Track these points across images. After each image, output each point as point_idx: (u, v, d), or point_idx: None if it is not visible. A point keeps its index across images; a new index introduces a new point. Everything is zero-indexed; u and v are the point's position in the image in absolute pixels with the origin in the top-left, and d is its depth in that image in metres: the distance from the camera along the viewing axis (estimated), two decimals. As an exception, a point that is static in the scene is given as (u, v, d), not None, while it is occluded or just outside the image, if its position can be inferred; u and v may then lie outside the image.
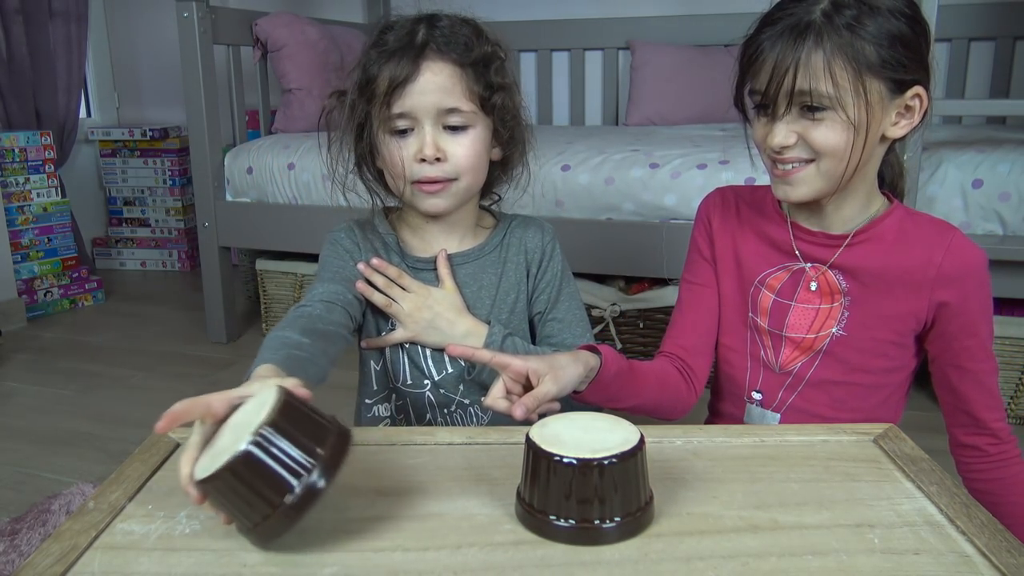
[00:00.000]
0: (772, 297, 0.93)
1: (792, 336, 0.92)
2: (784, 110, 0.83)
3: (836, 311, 0.90)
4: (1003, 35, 2.39)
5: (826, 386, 0.92)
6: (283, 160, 2.15)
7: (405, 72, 0.88)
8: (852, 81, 0.80)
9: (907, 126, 0.84)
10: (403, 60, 0.88)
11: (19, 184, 2.63)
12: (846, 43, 0.79)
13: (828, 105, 0.81)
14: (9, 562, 1.19)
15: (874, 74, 0.80)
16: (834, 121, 0.81)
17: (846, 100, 0.80)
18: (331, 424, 0.58)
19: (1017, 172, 1.57)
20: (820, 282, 0.91)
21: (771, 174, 0.88)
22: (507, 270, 1.01)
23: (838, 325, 0.90)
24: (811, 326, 0.91)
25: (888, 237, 0.88)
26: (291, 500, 0.53)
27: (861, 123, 0.81)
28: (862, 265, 0.88)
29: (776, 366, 0.94)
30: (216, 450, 0.57)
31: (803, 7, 0.81)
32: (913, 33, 0.81)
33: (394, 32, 0.91)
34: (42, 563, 0.54)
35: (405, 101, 0.88)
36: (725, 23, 2.65)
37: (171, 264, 3.21)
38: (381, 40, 0.91)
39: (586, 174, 1.85)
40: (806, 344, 0.91)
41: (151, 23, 3.31)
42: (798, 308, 0.92)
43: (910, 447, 0.71)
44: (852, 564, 0.54)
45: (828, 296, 0.90)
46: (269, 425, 0.54)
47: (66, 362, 2.16)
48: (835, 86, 0.80)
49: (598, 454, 0.56)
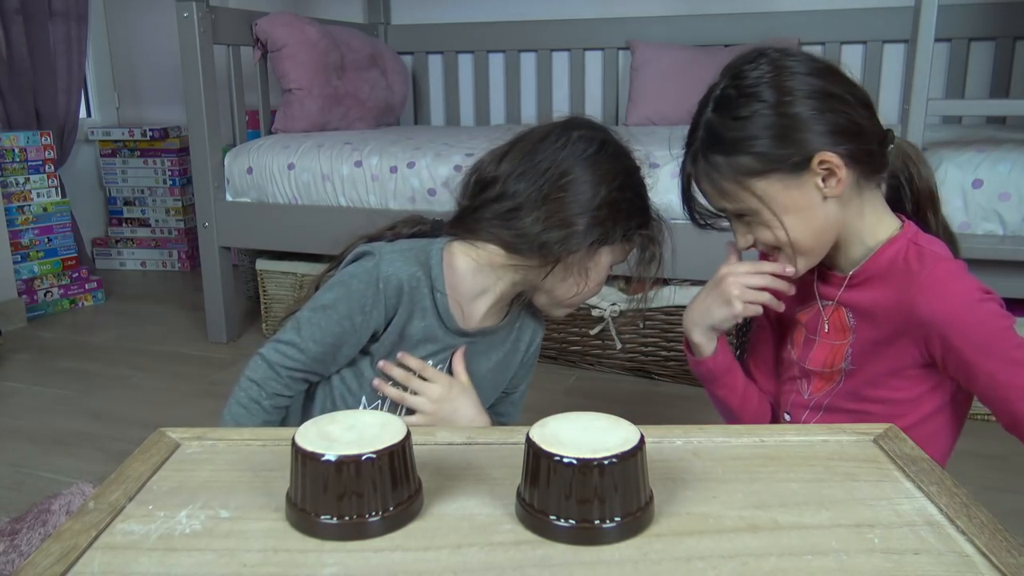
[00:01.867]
0: (804, 334, 0.98)
1: (815, 370, 0.96)
2: (729, 221, 0.92)
3: (843, 348, 0.93)
4: (1003, 35, 2.39)
5: (846, 414, 0.94)
6: (283, 160, 2.15)
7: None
8: (750, 185, 0.85)
9: (840, 184, 0.85)
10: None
11: (19, 184, 2.63)
12: (717, 166, 0.86)
13: (748, 212, 0.87)
14: (9, 562, 1.19)
15: (767, 170, 0.85)
16: (764, 219, 0.87)
17: (753, 205, 0.86)
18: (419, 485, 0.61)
19: (1017, 172, 1.57)
20: (832, 320, 0.94)
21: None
22: (509, 351, 1.07)
23: (845, 360, 0.93)
24: (825, 361, 0.95)
25: (881, 273, 0.89)
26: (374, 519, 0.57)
27: (790, 204, 0.85)
28: (861, 302, 0.91)
29: (806, 393, 0.98)
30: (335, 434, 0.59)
31: (694, 130, 0.90)
32: (793, 108, 0.83)
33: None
34: (42, 563, 0.54)
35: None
36: (725, 23, 2.66)
37: (171, 264, 3.21)
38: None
39: (586, 174, 1.85)
40: (826, 378, 0.95)
41: (151, 23, 3.31)
42: (820, 343, 0.95)
43: (910, 447, 0.71)
44: (852, 564, 0.54)
45: (840, 333, 0.93)
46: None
47: (66, 362, 2.16)
48: (736, 200, 0.87)
49: (598, 454, 0.56)
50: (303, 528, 0.58)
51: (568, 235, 0.94)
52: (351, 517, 0.57)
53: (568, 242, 0.94)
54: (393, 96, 2.78)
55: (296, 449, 0.57)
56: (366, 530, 0.57)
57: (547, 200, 0.94)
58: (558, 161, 0.95)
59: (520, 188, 0.96)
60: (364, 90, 2.63)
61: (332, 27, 2.60)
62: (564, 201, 0.94)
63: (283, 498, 0.61)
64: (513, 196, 0.96)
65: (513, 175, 0.97)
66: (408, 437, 0.60)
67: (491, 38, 2.94)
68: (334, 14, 2.91)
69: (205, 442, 0.73)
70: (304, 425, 0.60)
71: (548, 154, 0.96)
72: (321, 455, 0.56)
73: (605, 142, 1.00)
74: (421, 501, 0.61)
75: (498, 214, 0.96)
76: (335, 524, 0.57)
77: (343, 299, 0.94)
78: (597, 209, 0.94)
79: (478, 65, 2.98)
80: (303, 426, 0.60)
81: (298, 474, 0.58)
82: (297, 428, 0.60)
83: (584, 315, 1.94)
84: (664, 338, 1.92)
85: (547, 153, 0.97)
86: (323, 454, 0.56)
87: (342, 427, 0.60)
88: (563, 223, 0.93)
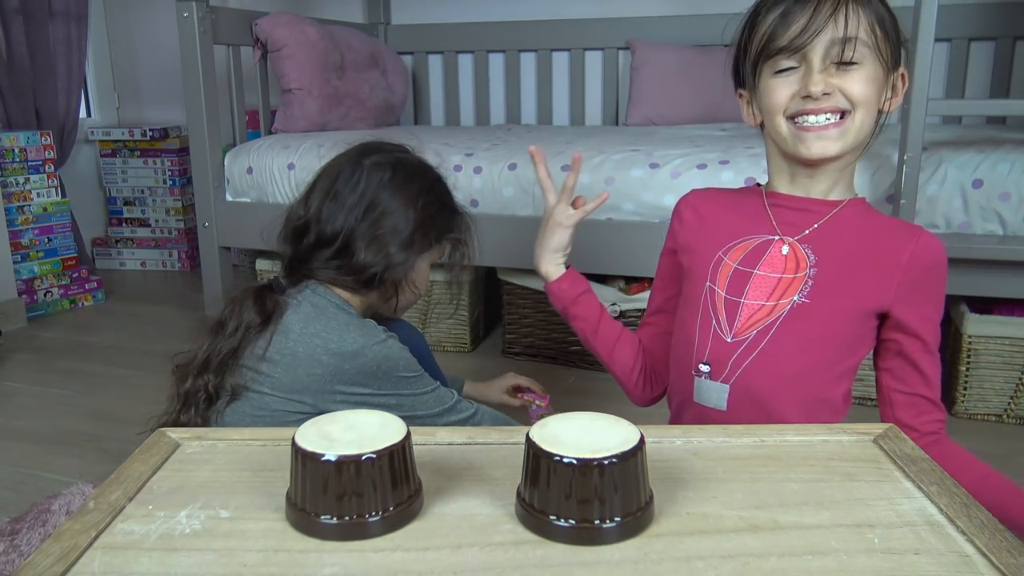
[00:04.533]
0: (733, 266, 0.95)
1: (750, 303, 0.93)
2: (817, 63, 0.87)
3: (799, 280, 0.92)
4: (1003, 35, 2.39)
5: (778, 359, 0.92)
6: (283, 160, 2.15)
7: None
8: (881, 38, 0.87)
9: (895, 103, 0.92)
10: None
11: (19, 184, 2.63)
12: (876, 6, 0.88)
13: (861, 59, 0.87)
14: (9, 562, 1.19)
15: (889, 40, 0.88)
16: (866, 73, 0.87)
17: (874, 56, 0.87)
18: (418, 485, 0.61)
19: (1017, 172, 1.57)
20: (790, 250, 0.94)
21: (796, 133, 0.90)
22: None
23: (800, 293, 0.91)
24: (771, 294, 0.93)
25: (858, 219, 0.94)
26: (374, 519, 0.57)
27: (880, 82, 0.89)
28: (834, 240, 0.92)
29: (729, 335, 0.94)
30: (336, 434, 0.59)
31: None
32: (894, 18, 0.90)
33: None
34: (42, 563, 0.54)
35: None
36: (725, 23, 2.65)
37: (171, 264, 3.21)
38: None
39: (586, 174, 1.85)
40: (764, 312, 0.92)
41: (151, 23, 3.31)
42: (758, 276, 0.94)
43: (910, 447, 0.71)
44: (852, 564, 0.54)
45: (793, 266, 0.93)
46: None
47: (66, 362, 2.16)
48: (871, 38, 0.87)
49: (598, 454, 0.56)
50: (303, 528, 0.58)
51: (396, 264, 1.05)
52: (351, 517, 0.57)
53: (397, 269, 1.06)
54: (393, 96, 2.78)
55: (296, 449, 0.57)
56: (366, 530, 0.57)
57: (366, 237, 1.03)
58: (361, 194, 1.04)
59: (336, 228, 1.04)
60: (364, 90, 2.63)
61: (332, 27, 2.60)
62: (382, 234, 1.04)
63: (283, 498, 0.61)
64: (331, 240, 1.04)
65: (323, 218, 1.04)
66: (408, 437, 0.60)
67: (491, 38, 2.94)
68: (334, 14, 2.91)
69: (205, 442, 0.73)
70: (304, 425, 0.60)
71: (348, 188, 1.04)
72: (321, 455, 0.56)
73: (398, 164, 1.08)
74: (421, 501, 0.61)
75: (327, 260, 1.04)
76: (335, 524, 0.57)
77: (411, 362, 1.06)
78: (413, 232, 1.06)
79: (478, 65, 2.98)
80: (303, 426, 0.60)
81: (298, 474, 0.58)
82: (297, 428, 0.60)
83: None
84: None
85: (347, 188, 1.04)
86: (323, 454, 0.56)
87: (342, 427, 0.60)
88: (388, 256, 1.04)
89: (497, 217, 1.94)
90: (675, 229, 1.05)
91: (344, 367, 0.99)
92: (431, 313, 2.14)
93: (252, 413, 1.01)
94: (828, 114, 0.88)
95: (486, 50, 2.96)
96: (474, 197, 1.96)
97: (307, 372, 0.99)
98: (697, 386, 0.96)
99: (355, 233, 1.04)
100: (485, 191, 1.96)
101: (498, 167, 1.95)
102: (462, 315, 2.13)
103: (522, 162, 1.94)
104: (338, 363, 0.99)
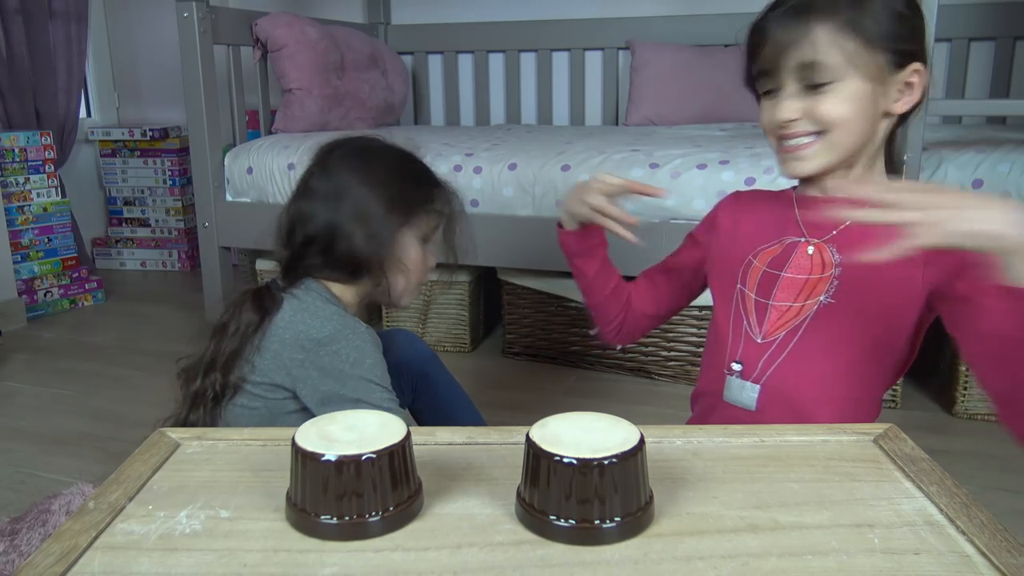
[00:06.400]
0: (762, 269, 0.96)
1: (778, 304, 0.94)
2: (789, 86, 0.87)
3: (825, 281, 0.92)
4: (1003, 35, 2.39)
5: (807, 360, 0.92)
6: (283, 160, 2.16)
7: None
8: (855, 52, 0.84)
9: (908, 102, 0.88)
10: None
11: (19, 184, 2.63)
12: (849, 17, 0.84)
13: (832, 78, 0.85)
14: (9, 562, 1.19)
15: (875, 47, 0.84)
16: (839, 93, 0.85)
17: (850, 71, 0.85)
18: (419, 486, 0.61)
19: (1017, 172, 1.57)
20: (815, 251, 0.93)
21: (779, 154, 0.92)
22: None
23: (826, 294, 0.91)
24: (798, 295, 0.93)
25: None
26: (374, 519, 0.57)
27: (865, 94, 0.86)
28: (858, 240, 0.90)
29: (759, 335, 0.95)
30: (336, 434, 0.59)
31: None
32: (911, 11, 0.86)
33: None
34: (42, 563, 0.54)
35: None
36: (725, 23, 2.65)
37: (171, 264, 3.21)
38: None
39: (586, 174, 1.85)
40: (792, 313, 0.93)
41: (151, 23, 3.31)
42: (786, 279, 0.94)
43: (910, 447, 0.71)
44: (852, 564, 0.54)
45: (819, 267, 0.93)
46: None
47: (66, 362, 2.16)
48: (840, 55, 0.84)
49: (598, 454, 0.56)
50: (303, 528, 0.58)
51: (374, 243, 1.06)
52: (351, 517, 0.57)
53: (377, 248, 1.06)
54: (393, 96, 2.78)
55: (296, 449, 0.57)
56: (366, 530, 0.57)
57: (344, 224, 1.05)
58: (334, 186, 1.07)
59: (318, 224, 1.07)
60: (364, 90, 2.63)
61: (332, 27, 2.60)
62: (357, 218, 1.05)
63: (283, 498, 0.61)
64: (316, 236, 1.06)
65: (305, 217, 1.08)
66: (408, 437, 0.60)
67: (491, 38, 2.94)
68: (334, 14, 2.91)
69: (205, 442, 0.73)
70: (304, 425, 0.60)
71: (321, 183, 1.08)
72: (321, 455, 0.56)
73: (363, 150, 1.11)
74: (421, 501, 0.61)
75: (316, 255, 1.07)
76: (335, 524, 0.57)
77: (378, 365, 1.05)
78: (385, 208, 1.06)
79: (478, 65, 2.98)
80: (303, 426, 0.60)
81: (298, 474, 0.58)
82: (297, 428, 0.60)
83: (584, 315, 1.94)
84: (664, 338, 1.92)
85: (320, 183, 1.08)
86: (323, 454, 0.56)
87: (342, 427, 0.60)
88: (365, 236, 1.05)
89: (497, 217, 1.94)
90: (706, 231, 1.07)
91: (320, 353, 1.02)
92: (431, 313, 2.14)
93: (248, 404, 1.04)
94: (801, 137, 0.89)
95: (486, 50, 2.96)
96: (474, 197, 1.96)
97: (289, 357, 1.03)
98: (728, 384, 0.96)
99: (334, 223, 1.06)
100: (485, 191, 1.96)
101: (498, 167, 1.95)
102: (462, 315, 2.13)
103: (522, 162, 1.94)
104: (315, 348, 1.02)
